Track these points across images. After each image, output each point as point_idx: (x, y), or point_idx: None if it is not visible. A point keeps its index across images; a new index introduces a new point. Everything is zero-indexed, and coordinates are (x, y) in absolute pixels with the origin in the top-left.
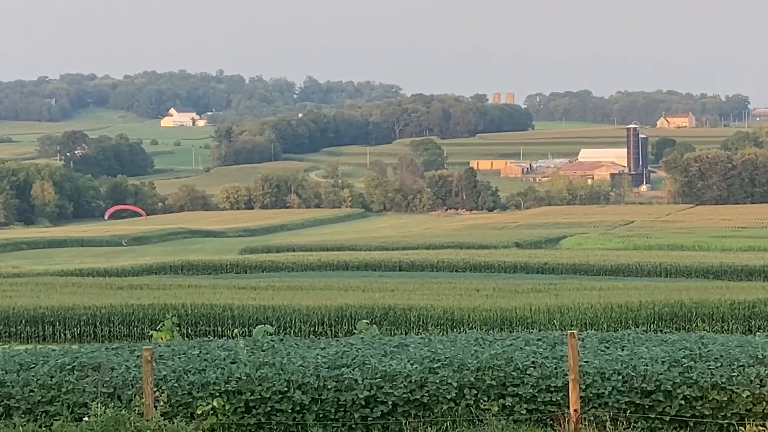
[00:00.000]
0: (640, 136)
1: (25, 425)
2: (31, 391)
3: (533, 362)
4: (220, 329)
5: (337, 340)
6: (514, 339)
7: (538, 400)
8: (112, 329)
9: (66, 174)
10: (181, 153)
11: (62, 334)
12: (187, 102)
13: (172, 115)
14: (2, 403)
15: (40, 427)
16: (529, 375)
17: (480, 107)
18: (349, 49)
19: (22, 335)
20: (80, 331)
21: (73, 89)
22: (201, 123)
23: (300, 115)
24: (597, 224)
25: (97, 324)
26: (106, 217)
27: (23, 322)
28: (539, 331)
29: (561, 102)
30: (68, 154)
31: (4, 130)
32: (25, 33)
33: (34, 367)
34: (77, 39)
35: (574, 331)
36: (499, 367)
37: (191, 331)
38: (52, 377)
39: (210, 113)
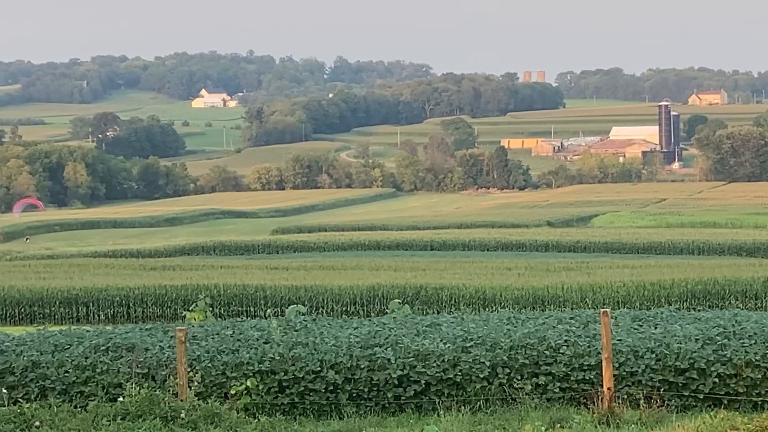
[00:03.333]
0: (672, 113)
1: (60, 406)
2: (66, 372)
3: (566, 341)
4: (252, 309)
5: (370, 320)
6: (546, 318)
7: (571, 378)
8: (145, 310)
9: (98, 156)
10: (213, 134)
11: (96, 315)
12: (218, 83)
13: (203, 96)
14: (38, 384)
15: (75, 407)
16: (562, 354)
17: (510, 86)
18: (380, 29)
19: (56, 316)
20: (114, 312)
21: (104, 71)
22: (232, 104)
23: (330, 95)
24: (629, 202)
25: (131, 305)
26: (15, 214)
27: (57, 303)
28: (571, 309)
29: (592, 80)
30: (100, 135)
31: (37, 113)
32: (56, 15)
33: (68, 348)
34: (108, 21)
35: (607, 310)
36: (532, 346)
37: (224, 311)
38: (86, 358)
39: (241, 94)
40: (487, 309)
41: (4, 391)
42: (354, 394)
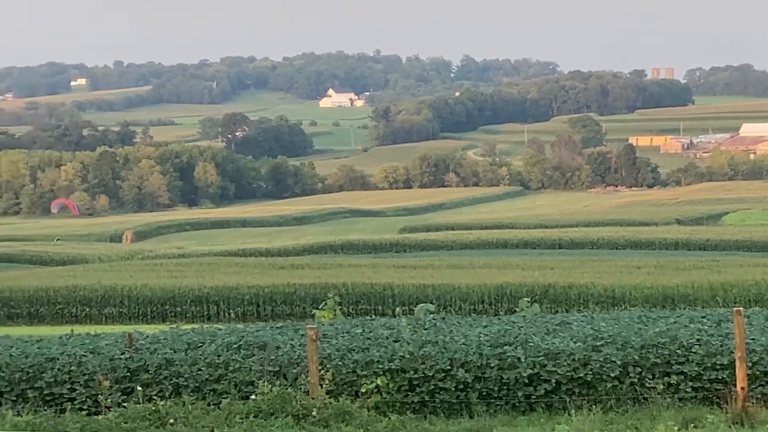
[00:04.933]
0: None
1: (194, 403)
2: (199, 369)
3: (698, 340)
4: (380, 308)
5: (499, 319)
6: (678, 317)
7: (704, 378)
8: (274, 308)
9: (227, 156)
10: (340, 133)
11: (226, 314)
12: (345, 82)
13: (330, 96)
14: (172, 382)
15: (208, 405)
16: (695, 353)
17: (638, 83)
18: (507, 27)
19: (187, 315)
20: (243, 310)
21: (233, 72)
22: (359, 103)
23: (457, 93)
24: (760, 200)
25: (260, 303)
26: (54, 210)
27: (188, 302)
28: (702, 308)
29: (721, 76)
30: (229, 136)
31: (167, 113)
32: (186, 18)
33: (201, 346)
34: (237, 22)
35: (740, 309)
36: (664, 345)
37: (352, 309)
38: (219, 356)
39: (368, 93)
40: (616, 308)
41: (139, 388)
42: (484, 393)
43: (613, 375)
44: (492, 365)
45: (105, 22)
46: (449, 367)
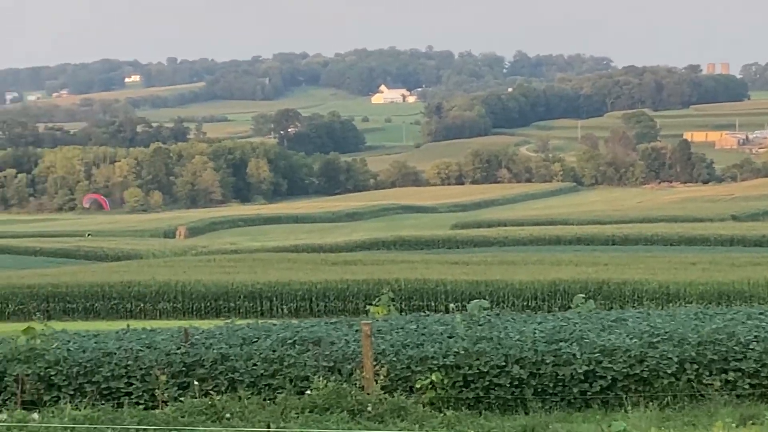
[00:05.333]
0: None
1: (249, 398)
2: (254, 364)
3: (756, 336)
4: (433, 304)
5: (554, 315)
6: (734, 313)
7: (762, 374)
8: (327, 304)
9: (280, 152)
10: (392, 129)
11: (279, 309)
12: (397, 78)
13: (382, 92)
14: (227, 377)
15: (264, 400)
16: (752, 349)
17: (693, 78)
18: (560, 22)
19: (241, 310)
20: (296, 306)
21: (285, 68)
22: (411, 99)
23: (510, 89)
24: None
25: (313, 299)
26: (86, 204)
27: (241, 297)
28: (758, 304)
29: None
30: (282, 132)
31: (220, 110)
32: (239, 14)
33: (256, 342)
34: (289, 18)
35: None
36: (721, 341)
37: (405, 305)
38: (274, 351)
39: (420, 89)
40: (671, 304)
41: (196, 383)
42: (539, 389)
43: (669, 372)
44: (547, 361)
45: (158, 19)
46: (504, 364)
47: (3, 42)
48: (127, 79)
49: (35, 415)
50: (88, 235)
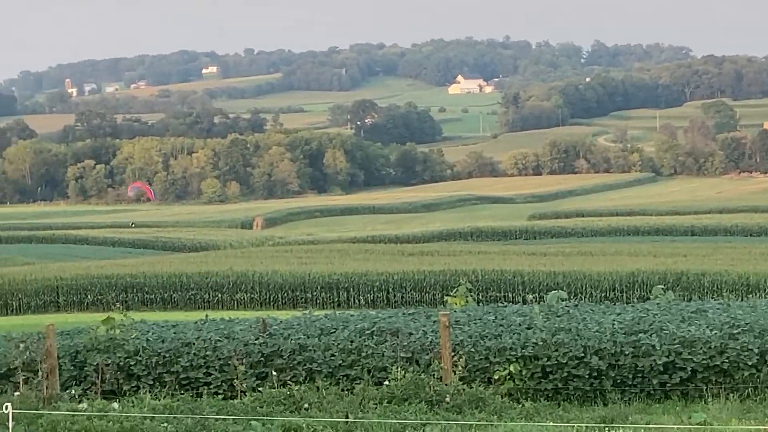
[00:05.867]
0: None
1: (327, 388)
2: (332, 355)
3: None
4: (510, 295)
5: (633, 306)
6: None
7: None
8: (404, 295)
9: (356, 142)
10: (469, 120)
11: (356, 300)
12: (474, 69)
13: (459, 82)
14: (305, 367)
15: (342, 390)
16: None
17: None
18: (638, 12)
19: (318, 301)
20: (373, 297)
21: (362, 58)
22: (488, 89)
23: (587, 79)
24: None
25: (390, 290)
26: (130, 194)
27: (318, 288)
28: None
29: None
30: (358, 122)
31: (297, 100)
32: (316, 5)
33: (334, 332)
34: (366, 9)
35: None
36: None
37: (482, 296)
38: (351, 342)
39: (497, 79)
40: (750, 295)
41: (274, 373)
42: (618, 381)
43: (750, 363)
44: (626, 353)
45: (235, 11)
46: (583, 355)
47: (82, 34)
48: (204, 71)
49: (115, 405)
50: (132, 224)
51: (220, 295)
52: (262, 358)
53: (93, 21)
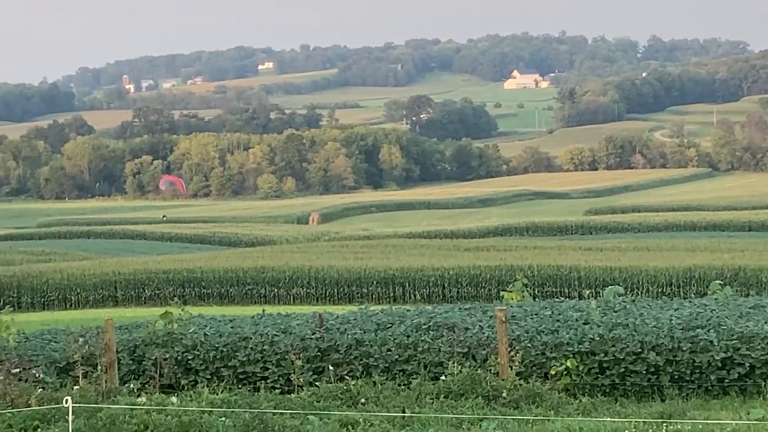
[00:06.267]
0: None
1: (384, 383)
2: (389, 350)
3: None
4: (566, 290)
5: (690, 302)
6: None
7: None
8: (460, 290)
9: (412, 138)
10: (525, 115)
11: (411, 295)
12: (529, 64)
13: (515, 78)
14: (362, 362)
15: (398, 385)
16: None
17: None
18: (695, 6)
19: (373, 296)
20: (429, 292)
21: (418, 54)
22: (544, 84)
23: (644, 74)
24: None
25: (446, 285)
26: (162, 187)
27: (374, 283)
28: None
29: None
30: (414, 118)
31: (353, 96)
32: (372, 1)
33: (390, 327)
34: (422, 4)
35: None
36: None
37: (538, 292)
38: (408, 336)
39: (553, 74)
40: None
41: (331, 368)
42: (676, 376)
43: None
44: (684, 348)
45: (291, 6)
46: (640, 350)
47: (139, 30)
48: (260, 66)
49: (174, 399)
50: (164, 217)
51: (276, 290)
52: (318, 353)
53: (150, 17)
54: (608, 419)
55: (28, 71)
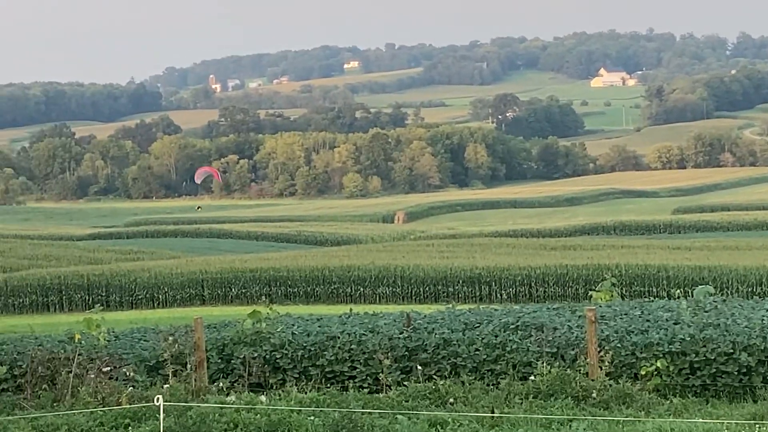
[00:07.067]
0: None
1: (472, 383)
2: (477, 349)
3: None
4: (655, 290)
5: None
6: None
7: None
8: (546, 290)
9: (498, 136)
10: (612, 113)
11: (498, 295)
12: (616, 61)
13: (601, 76)
14: (449, 361)
15: (487, 385)
16: None
17: None
18: None
19: (459, 295)
20: (515, 291)
21: (503, 52)
22: (631, 82)
23: (733, 71)
24: None
25: (532, 284)
26: (198, 180)
27: (460, 282)
28: None
29: None
30: (500, 116)
31: (438, 95)
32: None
33: (478, 327)
34: (508, 2)
35: None
36: None
37: (626, 291)
38: (496, 336)
39: (640, 72)
40: None
41: (419, 367)
42: None
43: None
44: None
45: (376, 5)
46: (732, 351)
47: (226, 30)
48: (346, 66)
49: (263, 398)
50: (198, 208)
51: (362, 289)
52: (406, 353)
53: (236, 17)
54: (700, 420)
55: (116, 72)
